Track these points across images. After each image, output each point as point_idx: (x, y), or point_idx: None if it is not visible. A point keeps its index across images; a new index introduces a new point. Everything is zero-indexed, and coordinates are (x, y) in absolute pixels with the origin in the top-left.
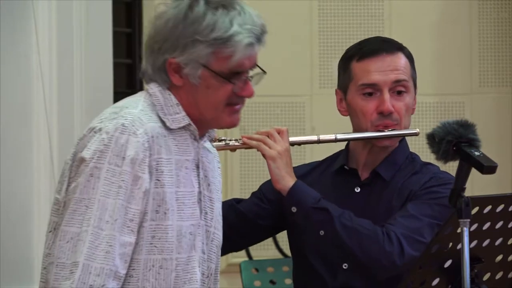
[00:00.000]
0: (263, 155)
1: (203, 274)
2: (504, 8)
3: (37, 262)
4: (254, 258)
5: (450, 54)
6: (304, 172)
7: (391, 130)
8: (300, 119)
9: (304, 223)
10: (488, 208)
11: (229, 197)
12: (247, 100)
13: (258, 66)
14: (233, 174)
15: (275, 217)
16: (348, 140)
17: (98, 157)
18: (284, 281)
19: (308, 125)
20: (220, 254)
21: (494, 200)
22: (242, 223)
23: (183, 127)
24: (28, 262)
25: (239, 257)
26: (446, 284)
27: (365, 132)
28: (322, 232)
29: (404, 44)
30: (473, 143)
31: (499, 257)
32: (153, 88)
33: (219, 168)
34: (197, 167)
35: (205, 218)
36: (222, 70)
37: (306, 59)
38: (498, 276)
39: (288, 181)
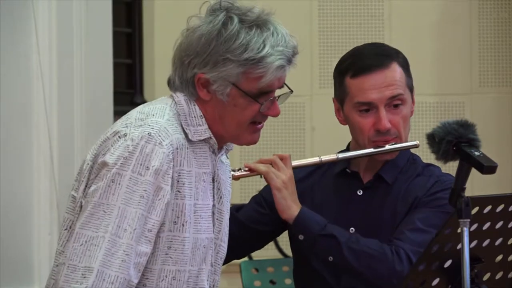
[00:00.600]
0: (268, 183)
1: (210, 287)
2: (504, 8)
3: (37, 262)
4: (254, 258)
5: (450, 54)
6: (305, 174)
7: (391, 144)
8: (300, 119)
9: (312, 250)
10: (488, 208)
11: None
12: None
13: (286, 85)
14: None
15: (275, 221)
16: (350, 158)
17: (122, 163)
18: (284, 281)
19: (308, 125)
20: (221, 265)
21: (494, 200)
22: (243, 233)
23: (204, 140)
24: (28, 262)
25: None
26: (446, 284)
27: (364, 146)
28: (331, 258)
29: (404, 44)
30: (473, 143)
31: (499, 257)
32: (179, 96)
33: (229, 178)
34: (213, 180)
35: (214, 231)
36: (251, 90)
37: (306, 59)
38: (498, 276)
39: (294, 210)
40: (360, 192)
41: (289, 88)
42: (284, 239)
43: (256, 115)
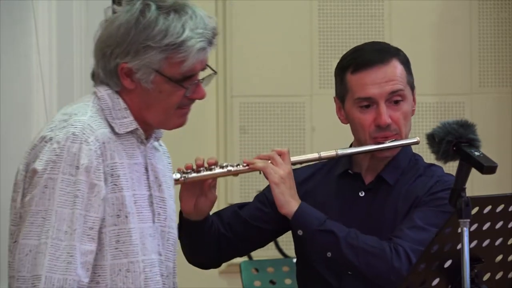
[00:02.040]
0: (267, 178)
1: (162, 275)
2: (504, 8)
3: None
4: (254, 258)
5: (450, 54)
6: (307, 176)
7: (392, 141)
8: (300, 119)
9: (311, 245)
10: (488, 208)
11: (229, 198)
12: (248, 100)
13: (209, 67)
14: (233, 178)
15: (278, 220)
16: (350, 154)
17: (51, 168)
18: (284, 281)
19: (308, 125)
20: (176, 251)
21: (494, 200)
22: (246, 230)
23: (131, 132)
24: None
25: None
26: (446, 284)
27: (365, 144)
28: (329, 254)
29: (404, 44)
30: (473, 143)
31: (499, 257)
32: (101, 91)
33: (169, 163)
34: (146, 170)
35: (159, 220)
36: (175, 75)
37: (306, 59)
38: (498, 276)
39: (292, 205)
40: (362, 193)
41: (212, 70)
42: (284, 239)
43: (182, 99)
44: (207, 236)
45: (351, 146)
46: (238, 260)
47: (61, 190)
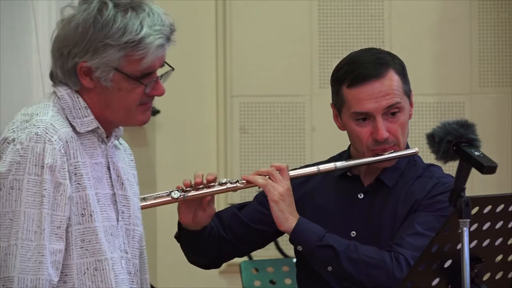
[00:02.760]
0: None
1: (129, 273)
2: (504, 8)
3: None
4: (254, 258)
5: (450, 54)
6: (305, 178)
7: (390, 152)
8: (300, 119)
9: (311, 261)
10: (488, 208)
11: (229, 198)
12: (248, 100)
13: (167, 64)
14: (232, 175)
15: None
16: (348, 167)
17: (16, 169)
18: (284, 281)
19: (308, 125)
20: (142, 248)
21: (494, 200)
22: (246, 232)
23: (91, 131)
24: None
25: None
26: (446, 284)
27: (363, 155)
28: (330, 268)
29: (404, 44)
30: (473, 143)
31: (499, 257)
32: (61, 91)
33: (131, 161)
34: (108, 169)
35: (123, 218)
36: (134, 73)
37: (306, 59)
38: (498, 276)
39: (291, 222)
40: (361, 196)
41: (170, 66)
42: (284, 239)
43: (142, 97)
44: (207, 242)
45: (349, 148)
46: (238, 260)
47: (27, 190)
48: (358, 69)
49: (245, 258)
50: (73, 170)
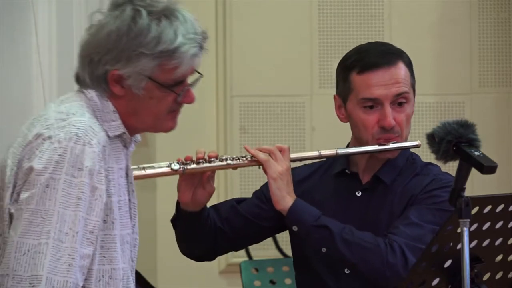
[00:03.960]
0: (265, 172)
1: (133, 281)
2: (504, 8)
3: None
4: (254, 258)
5: (450, 54)
6: (305, 175)
7: (393, 143)
8: (300, 119)
9: (306, 241)
10: (488, 208)
11: (229, 196)
12: (248, 100)
13: (196, 71)
14: (232, 173)
15: (276, 218)
16: (350, 154)
17: (54, 167)
18: (284, 281)
19: (308, 125)
20: None
21: (494, 200)
22: (243, 225)
23: (117, 136)
24: None
25: (239, 257)
26: (446, 284)
27: (366, 144)
28: (324, 249)
29: (404, 44)
30: (473, 143)
31: (499, 257)
32: (90, 92)
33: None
34: (127, 174)
35: (132, 225)
36: (167, 81)
37: (306, 59)
38: (498, 276)
39: (288, 201)
40: (359, 193)
41: (198, 73)
42: (284, 239)
43: (172, 104)
44: (203, 228)
45: (348, 145)
46: (238, 260)
47: (63, 190)
48: (369, 57)
49: (245, 258)
50: (107, 175)
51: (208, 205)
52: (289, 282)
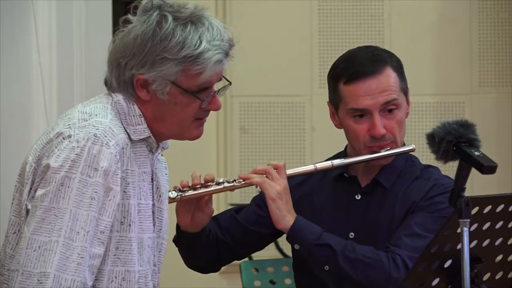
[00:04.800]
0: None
1: (154, 286)
2: (504, 8)
3: None
4: (254, 258)
5: (450, 54)
6: (302, 179)
7: (387, 149)
8: (300, 119)
9: (308, 259)
10: (488, 208)
11: (229, 199)
12: (248, 100)
13: (224, 78)
14: (232, 175)
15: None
16: (345, 165)
17: (70, 166)
18: (284, 281)
19: (308, 125)
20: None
21: (494, 200)
22: (244, 234)
23: (143, 139)
24: None
25: None
26: (446, 284)
27: (360, 152)
28: (327, 267)
29: (404, 44)
30: (473, 143)
31: (499, 257)
32: (117, 95)
33: (166, 175)
34: (152, 179)
35: (157, 230)
36: (191, 87)
37: (306, 59)
38: (498, 276)
39: (288, 220)
40: (358, 197)
41: (227, 80)
42: (284, 239)
43: (198, 111)
44: (205, 244)
45: (345, 148)
46: (238, 260)
47: (77, 190)
48: (355, 66)
49: (245, 258)
50: (124, 177)
51: None
52: (289, 282)
